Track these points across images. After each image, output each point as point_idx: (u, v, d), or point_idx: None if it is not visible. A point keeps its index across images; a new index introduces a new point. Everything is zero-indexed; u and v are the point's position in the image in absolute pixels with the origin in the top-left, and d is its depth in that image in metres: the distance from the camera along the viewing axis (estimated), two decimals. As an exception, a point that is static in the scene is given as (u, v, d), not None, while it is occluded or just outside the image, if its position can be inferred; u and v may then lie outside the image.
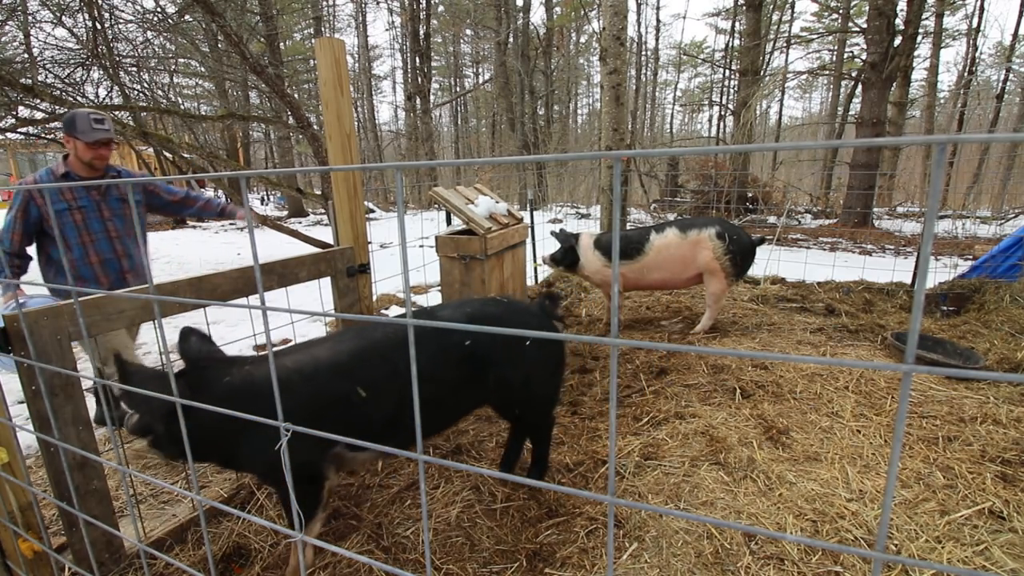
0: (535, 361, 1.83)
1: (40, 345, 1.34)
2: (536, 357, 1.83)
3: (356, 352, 1.59)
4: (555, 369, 1.97)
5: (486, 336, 1.69)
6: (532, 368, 1.83)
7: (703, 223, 3.53)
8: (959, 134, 1.28)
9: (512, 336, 1.65)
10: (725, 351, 0.44)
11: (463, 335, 1.66)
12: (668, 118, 26.39)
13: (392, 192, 16.59)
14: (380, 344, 1.61)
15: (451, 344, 1.67)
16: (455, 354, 1.67)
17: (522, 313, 1.89)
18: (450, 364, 1.67)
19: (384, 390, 1.56)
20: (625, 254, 3.54)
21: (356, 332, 1.67)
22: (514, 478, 0.60)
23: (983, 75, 19.82)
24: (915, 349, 0.40)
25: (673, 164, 13.86)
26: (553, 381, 1.99)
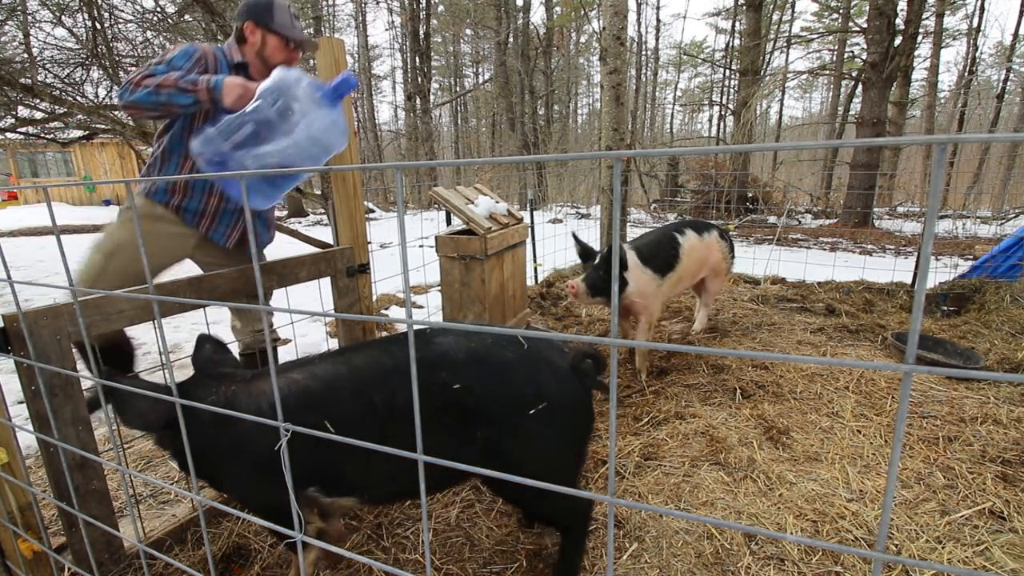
0: (539, 432, 1.34)
1: (40, 345, 1.34)
2: (541, 427, 1.33)
3: (329, 380, 1.33)
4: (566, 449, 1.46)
5: (480, 382, 1.32)
6: (532, 439, 1.35)
7: (703, 226, 3.37)
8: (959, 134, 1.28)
9: (518, 389, 1.33)
10: (725, 351, 0.44)
11: (451, 372, 1.32)
12: (668, 118, 26.40)
13: (392, 192, 16.58)
14: (357, 372, 1.34)
15: (436, 383, 1.30)
16: (438, 397, 1.29)
17: (541, 367, 1.38)
18: (431, 406, 1.28)
19: (357, 427, 1.29)
20: (662, 267, 3.00)
21: (336, 354, 1.43)
22: (514, 478, 0.60)
23: (983, 75, 19.82)
24: (915, 349, 0.40)
25: (673, 164, 13.87)
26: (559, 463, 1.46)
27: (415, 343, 1.41)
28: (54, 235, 1.64)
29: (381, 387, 1.32)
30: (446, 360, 1.35)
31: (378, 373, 1.34)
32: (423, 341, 1.42)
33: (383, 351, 1.40)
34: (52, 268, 7.19)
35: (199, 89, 1.69)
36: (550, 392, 1.35)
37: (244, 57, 1.94)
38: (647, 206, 13.50)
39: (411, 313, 0.55)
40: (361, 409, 1.32)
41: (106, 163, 16.00)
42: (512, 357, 1.38)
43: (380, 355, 1.38)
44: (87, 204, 15.70)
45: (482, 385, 1.33)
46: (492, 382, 1.35)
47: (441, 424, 1.32)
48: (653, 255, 2.99)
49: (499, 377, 1.35)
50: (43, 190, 0.83)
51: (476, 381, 1.33)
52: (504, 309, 3.41)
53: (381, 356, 1.38)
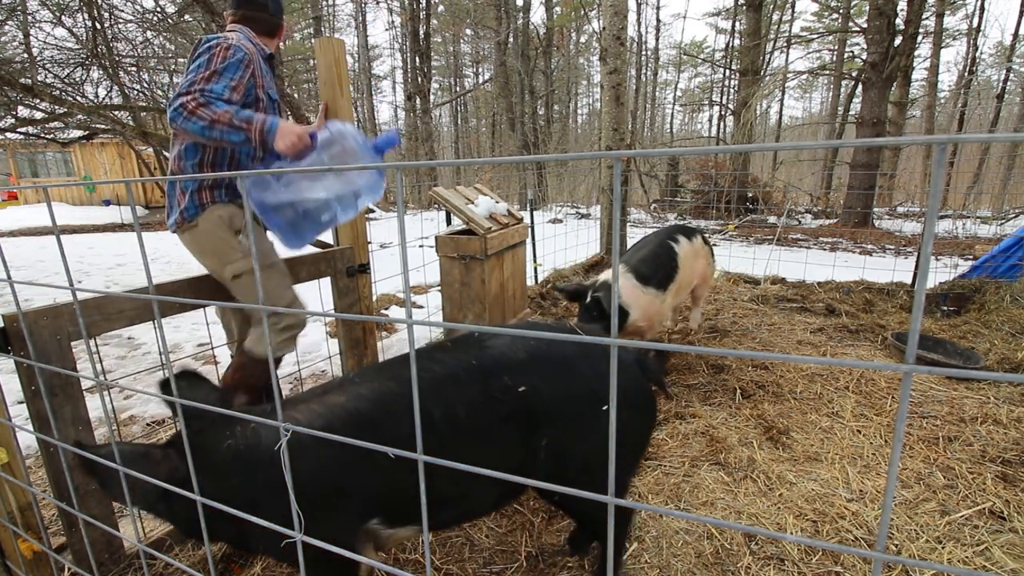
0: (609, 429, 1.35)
1: (40, 345, 1.34)
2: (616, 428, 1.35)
3: (380, 399, 1.21)
4: (636, 446, 1.42)
5: (547, 381, 1.23)
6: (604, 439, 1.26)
7: (690, 232, 3.23)
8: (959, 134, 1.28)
9: (587, 385, 1.26)
10: (725, 351, 0.44)
11: (514, 375, 1.23)
12: (668, 118, 26.40)
13: (392, 192, 16.59)
14: (407, 385, 1.21)
15: (500, 388, 1.21)
16: (503, 405, 1.20)
17: (605, 360, 1.30)
18: (495, 415, 1.20)
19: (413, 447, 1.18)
20: (663, 281, 2.82)
21: (378, 371, 1.31)
22: (514, 478, 0.60)
23: (983, 75, 19.82)
24: (915, 349, 0.40)
25: (673, 164, 13.87)
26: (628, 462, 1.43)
27: (465, 348, 1.29)
28: (54, 235, 1.63)
29: (438, 400, 1.20)
30: (505, 362, 1.25)
31: (431, 385, 1.22)
32: (475, 345, 1.31)
33: (432, 360, 1.27)
34: (52, 268, 7.19)
35: (252, 129, 1.68)
36: (620, 387, 1.27)
37: (270, 48, 2.01)
38: (647, 206, 13.50)
39: (411, 313, 0.55)
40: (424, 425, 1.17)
41: (106, 163, 15.99)
42: (575, 351, 1.31)
43: (430, 364, 1.25)
44: (87, 204, 15.70)
45: (549, 384, 1.23)
46: (560, 380, 1.25)
47: (506, 435, 1.21)
48: (652, 272, 2.78)
49: (566, 374, 1.26)
50: (43, 190, 0.83)
51: (542, 381, 1.23)
52: (504, 309, 3.41)
53: (431, 365, 1.25)
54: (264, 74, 1.91)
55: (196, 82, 1.68)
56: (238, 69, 1.76)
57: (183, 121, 1.65)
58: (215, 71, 1.71)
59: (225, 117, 1.65)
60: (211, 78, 1.69)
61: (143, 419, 2.76)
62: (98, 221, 13.18)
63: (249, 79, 1.80)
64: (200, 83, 1.68)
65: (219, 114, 1.65)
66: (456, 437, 1.19)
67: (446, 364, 1.25)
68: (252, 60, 1.82)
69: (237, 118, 1.66)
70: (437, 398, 1.20)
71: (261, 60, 1.91)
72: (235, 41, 1.79)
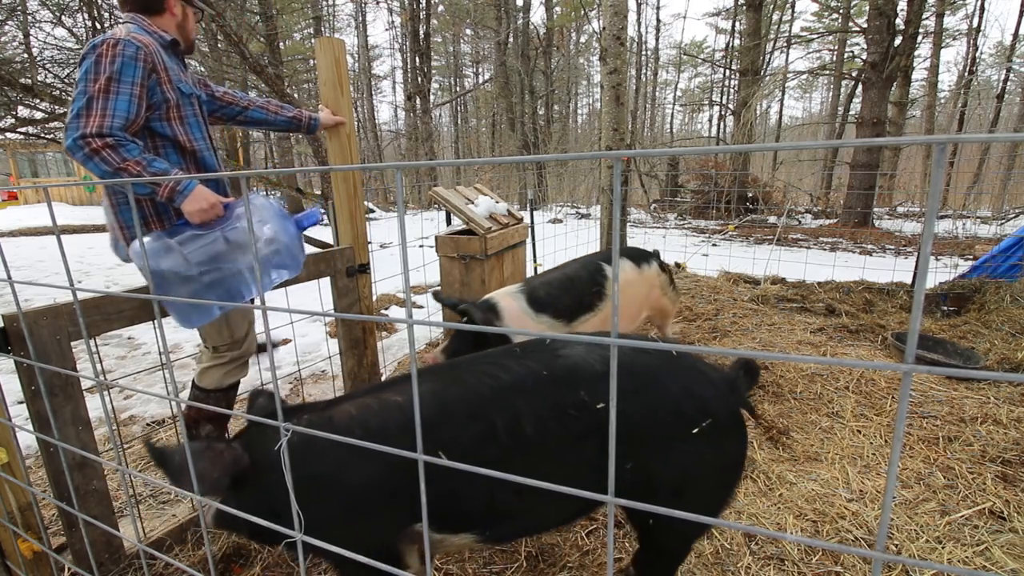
0: (704, 455, 1.14)
1: (40, 345, 1.34)
2: (707, 449, 1.14)
3: (440, 401, 1.15)
4: (731, 474, 1.27)
5: (630, 398, 1.11)
6: (696, 465, 1.15)
7: (640, 256, 2.85)
8: (959, 134, 1.28)
9: (677, 403, 1.14)
10: (725, 351, 0.44)
11: (591, 389, 1.13)
12: (668, 118, 26.39)
13: (392, 192, 16.59)
14: (473, 391, 1.16)
15: (574, 403, 1.11)
16: (578, 421, 1.11)
17: (696, 376, 1.19)
18: (566, 433, 1.11)
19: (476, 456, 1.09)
20: (569, 311, 2.46)
21: (439, 374, 1.24)
22: (514, 478, 0.60)
23: (983, 75, 19.82)
24: (915, 349, 0.40)
25: (673, 164, 13.88)
26: (722, 492, 1.27)
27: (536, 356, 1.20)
28: (54, 235, 1.63)
29: (502, 409, 1.12)
30: (581, 375, 1.15)
31: (496, 392, 1.14)
32: (547, 353, 1.21)
33: (498, 366, 1.20)
34: (52, 268, 7.19)
35: (163, 187, 1.52)
36: (712, 406, 1.15)
37: (169, 32, 1.74)
38: (647, 206, 13.50)
39: (411, 313, 0.55)
40: (479, 436, 1.11)
41: (106, 163, 15.97)
42: (660, 365, 1.18)
43: (496, 371, 1.18)
44: (87, 204, 15.70)
45: (632, 402, 1.10)
46: (643, 398, 1.12)
47: (580, 455, 1.12)
48: (553, 298, 2.42)
49: (652, 391, 1.14)
50: (43, 190, 0.83)
51: (623, 398, 1.10)
52: (504, 309, 3.41)
53: (498, 372, 1.18)
54: (170, 67, 1.66)
55: (94, 108, 1.46)
56: (134, 68, 1.52)
57: (84, 159, 1.46)
58: (110, 77, 1.49)
59: (135, 168, 1.46)
60: (108, 92, 1.48)
61: (143, 419, 2.76)
62: (98, 221, 13.17)
63: (149, 76, 1.57)
64: (99, 109, 1.46)
65: (129, 163, 1.46)
66: (521, 451, 1.11)
67: (513, 372, 1.16)
68: (148, 53, 1.57)
69: (149, 170, 1.48)
70: (501, 407, 1.12)
71: (161, 51, 1.66)
72: (123, 35, 1.55)
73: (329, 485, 1.09)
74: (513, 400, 1.13)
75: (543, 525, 1.32)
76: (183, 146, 1.71)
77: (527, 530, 1.36)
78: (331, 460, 1.10)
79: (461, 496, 1.13)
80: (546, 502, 1.17)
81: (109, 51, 1.51)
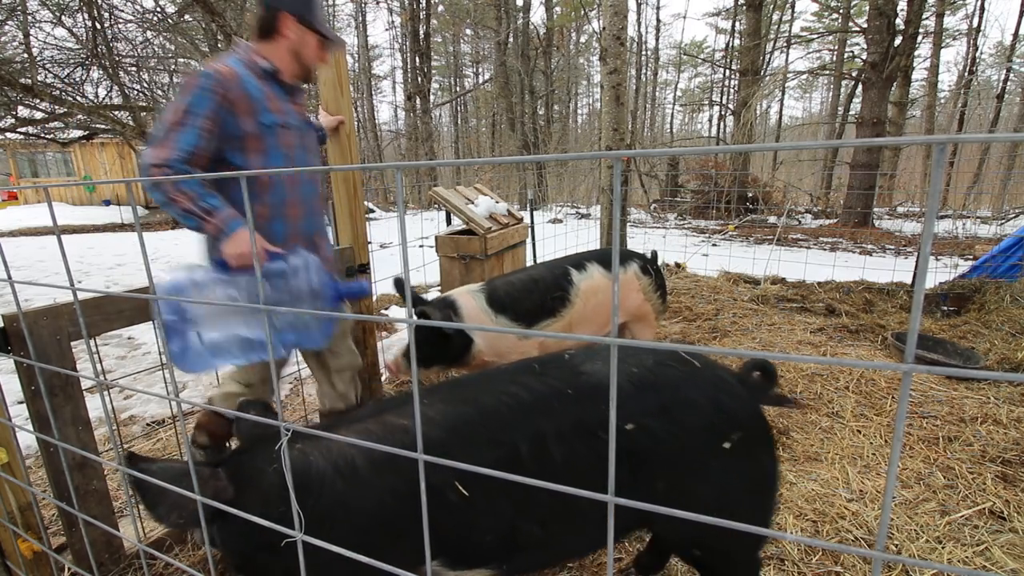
0: (740, 468, 1.09)
1: (40, 345, 1.34)
2: (742, 461, 1.09)
3: (455, 425, 1.06)
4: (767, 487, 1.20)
5: (657, 416, 1.05)
6: (730, 484, 1.09)
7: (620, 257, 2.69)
8: (959, 134, 1.28)
9: (705, 417, 1.08)
10: (725, 351, 0.44)
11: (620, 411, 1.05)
12: (668, 118, 26.40)
13: (392, 192, 16.59)
14: (492, 413, 1.07)
15: (602, 424, 1.05)
16: (605, 444, 1.03)
17: (720, 386, 1.13)
18: (596, 456, 1.05)
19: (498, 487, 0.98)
20: (530, 314, 2.34)
21: (449, 393, 1.14)
22: (514, 478, 0.60)
23: (983, 75, 19.83)
24: (915, 349, 0.40)
25: (673, 164, 13.88)
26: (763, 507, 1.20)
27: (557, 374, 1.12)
28: (54, 235, 1.62)
29: (524, 431, 1.04)
30: (607, 393, 1.06)
31: (515, 413, 1.06)
32: (567, 370, 1.14)
33: (516, 383, 1.11)
34: (52, 268, 7.20)
35: (210, 224, 1.48)
36: (741, 416, 1.10)
37: (273, 60, 1.64)
38: (647, 206, 13.50)
39: (411, 313, 0.56)
40: (502, 464, 1.00)
41: (106, 163, 16.00)
42: (682, 376, 1.12)
43: (515, 389, 1.10)
44: (87, 204, 15.70)
45: (660, 420, 1.04)
46: (672, 415, 1.06)
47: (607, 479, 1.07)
48: (513, 300, 2.30)
49: (679, 406, 1.08)
50: (43, 190, 0.83)
51: (650, 416, 1.04)
52: (504, 309, 3.41)
53: (517, 391, 1.09)
54: (256, 98, 1.58)
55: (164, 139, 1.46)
56: (206, 101, 1.50)
57: (147, 186, 1.48)
58: (185, 110, 1.48)
59: (184, 200, 1.44)
60: (179, 124, 1.48)
61: (143, 419, 2.76)
62: (98, 221, 13.18)
63: (218, 109, 1.51)
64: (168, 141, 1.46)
65: (179, 196, 1.44)
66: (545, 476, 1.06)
67: (534, 391, 1.09)
68: (225, 85, 1.52)
69: (199, 206, 1.46)
70: (523, 429, 1.04)
71: (252, 80, 1.58)
72: (209, 66, 1.54)
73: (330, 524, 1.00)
74: (537, 422, 1.05)
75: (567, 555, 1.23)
76: (257, 179, 1.64)
77: (549, 562, 1.25)
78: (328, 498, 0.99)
79: (480, 528, 1.05)
80: (573, 531, 1.09)
81: (191, 83, 1.51)
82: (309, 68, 1.72)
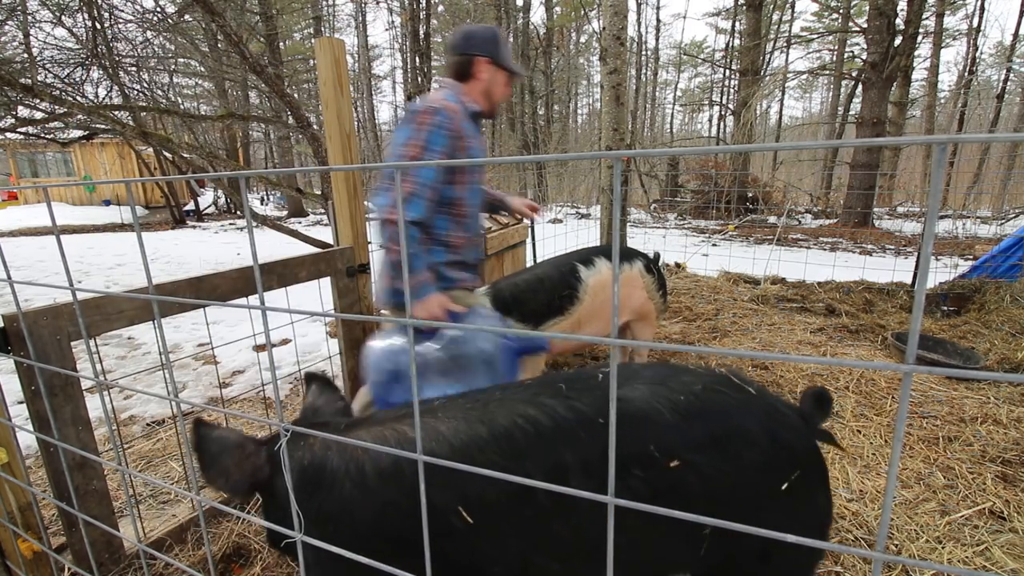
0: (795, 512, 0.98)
1: (40, 345, 1.34)
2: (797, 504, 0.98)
3: (466, 446, 0.96)
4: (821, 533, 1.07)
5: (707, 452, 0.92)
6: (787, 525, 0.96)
7: (622, 255, 2.65)
8: (959, 134, 1.27)
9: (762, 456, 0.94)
10: (725, 351, 0.44)
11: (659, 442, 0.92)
12: (668, 118, 26.40)
13: (392, 192, 16.52)
14: (506, 437, 0.96)
15: (640, 461, 0.91)
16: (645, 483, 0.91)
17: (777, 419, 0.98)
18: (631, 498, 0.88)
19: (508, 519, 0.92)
20: (537, 314, 2.28)
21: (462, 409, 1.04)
22: (514, 478, 0.60)
23: (983, 75, 19.82)
24: (915, 349, 0.40)
25: (673, 164, 13.88)
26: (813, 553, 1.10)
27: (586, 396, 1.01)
28: (54, 235, 1.63)
29: (543, 463, 0.93)
30: (649, 424, 0.93)
31: (533, 442, 0.94)
32: (598, 393, 0.99)
33: (534, 404, 0.99)
34: (52, 268, 7.20)
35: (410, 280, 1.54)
36: (800, 454, 0.97)
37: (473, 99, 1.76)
38: (647, 206, 13.50)
39: (411, 313, 0.55)
40: (513, 494, 0.91)
41: (106, 163, 15.99)
42: (734, 406, 0.97)
43: (534, 412, 0.98)
44: (87, 204, 15.70)
45: (709, 457, 0.91)
46: (724, 450, 0.92)
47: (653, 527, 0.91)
48: (520, 300, 2.23)
49: (731, 440, 0.94)
50: (43, 190, 0.83)
51: (698, 452, 0.91)
52: (504, 309, 3.41)
53: (535, 414, 0.97)
54: (468, 135, 1.68)
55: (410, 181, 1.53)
56: (443, 138, 1.58)
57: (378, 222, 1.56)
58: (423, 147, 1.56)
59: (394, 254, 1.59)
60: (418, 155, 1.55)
61: (143, 419, 2.76)
62: (98, 221, 13.19)
63: (449, 145, 1.60)
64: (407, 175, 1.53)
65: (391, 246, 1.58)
66: (567, 519, 0.92)
67: (558, 416, 0.96)
68: (455, 123, 1.62)
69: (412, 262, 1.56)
70: (543, 460, 0.92)
71: (466, 118, 1.71)
72: (438, 103, 1.62)
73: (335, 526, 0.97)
74: (558, 452, 0.93)
75: None
76: (458, 211, 1.74)
77: None
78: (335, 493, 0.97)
79: (486, 558, 0.94)
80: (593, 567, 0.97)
81: (426, 119, 1.59)
82: (496, 105, 1.84)
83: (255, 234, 2.27)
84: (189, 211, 14.28)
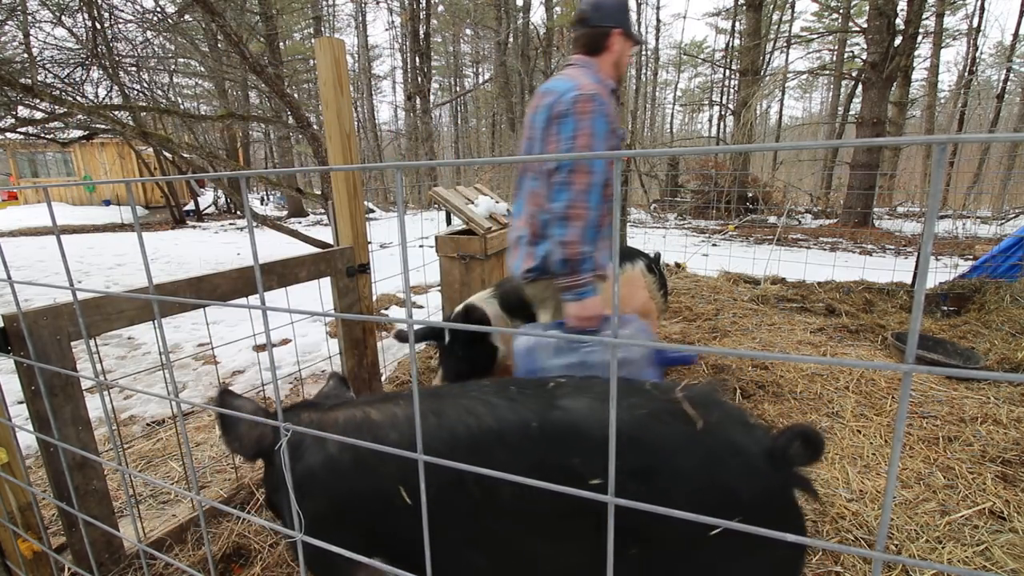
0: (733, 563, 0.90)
1: (40, 345, 1.34)
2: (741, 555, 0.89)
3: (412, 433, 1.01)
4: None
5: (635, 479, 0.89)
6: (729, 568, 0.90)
7: (625, 255, 2.72)
8: (959, 134, 1.27)
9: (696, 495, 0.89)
10: (725, 351, 0.44)
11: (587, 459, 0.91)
12: (668, 118, 26.40)
13: (392, 192, 16.58)
14: (448, 429, 1.00)
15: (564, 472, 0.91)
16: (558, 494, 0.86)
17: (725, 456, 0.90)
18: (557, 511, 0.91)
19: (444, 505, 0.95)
20: None
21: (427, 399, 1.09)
22: (514, 477, 0.60)
23: (983, 75, 19.83)
24: (915, 349, 0.40)
25: (673, 164, 13.88)
26: None
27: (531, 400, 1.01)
28: (54, 235, 1.63)
29: (475, 459, 0.94)
30: (578, 437, 0.93)
31: (472, 438, 0.97)
32: (544, 399, 0.99)
33: (482, 401, 1.02)
34: (52, 268, 7.20)
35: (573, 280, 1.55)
36: (744, 498, 0.88)
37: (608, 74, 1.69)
38: (647, 206, 13.50)
39: (411, 313, 0.55)
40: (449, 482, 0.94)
41: (106, 163, 15.99)
42: (679, 437, 0.91)
43: (480, 407, 1.01)
44: (87, 204, 15.70)
45: (636, 486, 0.87)
46: (650, 483, 0.89)
47: (567, 534, 0.92)
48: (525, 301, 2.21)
49: (659, 476, 0.90)
50: (43, 190, 0.83)
51: (629, 477, 0.88)
52: (504, 309, 3.40)
53: (481, 409, 1.00)
54: (613, 114, 1.62)
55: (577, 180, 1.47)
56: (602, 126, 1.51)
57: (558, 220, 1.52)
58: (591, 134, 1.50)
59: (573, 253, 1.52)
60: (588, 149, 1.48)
61: (143, 419, 2.76)
62: (98, 221, 13.19)
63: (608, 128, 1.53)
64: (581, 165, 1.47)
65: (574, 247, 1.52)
66: (495, 514, 0.95)
67: (500, 416, 0.98)
68: (608, 105, 1.55)
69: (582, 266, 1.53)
70: (476, 455, 0.95)
71: (609, 97, 1.63)
72: (589, 88, 1.54)
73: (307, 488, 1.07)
74: (491, 450, 0.95)
75: None
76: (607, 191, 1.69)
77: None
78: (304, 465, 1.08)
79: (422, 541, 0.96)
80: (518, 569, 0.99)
81: (588, 107, 1.52)
82: (623, 76, 1.78)
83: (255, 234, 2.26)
84: (189, 211, 14.29)
